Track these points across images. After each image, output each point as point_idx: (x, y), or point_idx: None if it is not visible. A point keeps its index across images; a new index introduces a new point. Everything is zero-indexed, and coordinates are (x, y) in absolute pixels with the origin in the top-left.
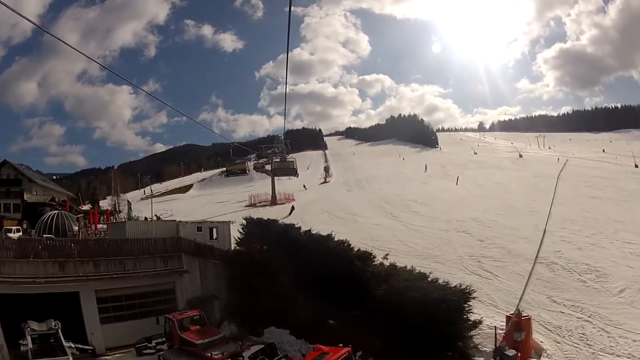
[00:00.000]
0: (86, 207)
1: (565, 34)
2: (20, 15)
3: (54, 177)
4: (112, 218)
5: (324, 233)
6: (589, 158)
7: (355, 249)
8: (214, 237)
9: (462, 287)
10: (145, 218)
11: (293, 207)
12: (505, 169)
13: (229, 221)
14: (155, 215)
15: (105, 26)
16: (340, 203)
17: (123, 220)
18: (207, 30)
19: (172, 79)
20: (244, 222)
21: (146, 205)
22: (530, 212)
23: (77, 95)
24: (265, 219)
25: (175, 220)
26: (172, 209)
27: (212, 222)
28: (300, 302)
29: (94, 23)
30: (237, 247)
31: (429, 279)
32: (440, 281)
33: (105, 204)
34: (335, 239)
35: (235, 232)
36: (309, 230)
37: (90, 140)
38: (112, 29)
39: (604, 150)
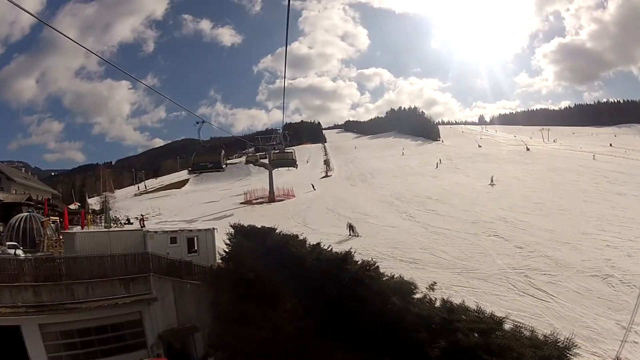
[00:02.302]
0: (75, 205)
1: (564, 28)
2: (21, 8)
3: (52, 174)
4: (87, 220)
5: (334, 242)
6: (598, 152)
7: (387, 275)
8: (194, 250)
9: (560, 341)
10: (128, 220)
11: (352, 227)
12: (516, 162)
13: (213, 228)
14: (141, 215)
15: (104, 22)
16: (346, 200)
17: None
18: (205, 25)
19: (170, 74)
20: (231, 230)
21: (138, 202)
22: (560, 211)
23: (75, 91)
24: (260, 227)
25: (141, 230)
26: (160, 207)
27: (191, 230)
28: (308, 339)
29: (92, 19)
30: (223, 263)
31: (506, 325)
32: (523, 327)
33: (95, 201)
34: (356, 259)
35: (224, 240)
36: (318, 244)
37: (88, 136)
38: (110, 24)
39: (611, 145)
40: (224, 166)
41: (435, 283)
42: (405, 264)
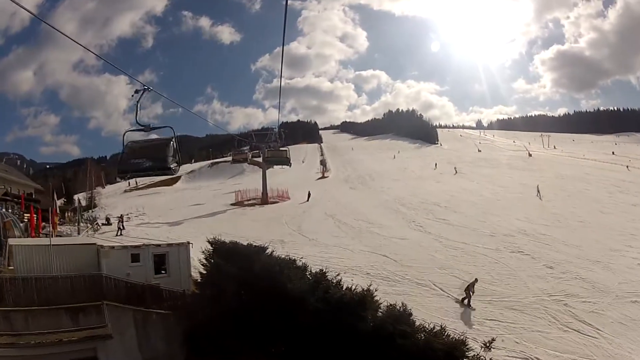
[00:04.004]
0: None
1: (563, 36)
2: (19, 5)
3: (47, 166)
4: (60, 221)
5: (337, 257)
6: (602, 160)
7: (424, 325)
8: (163, 270)
9: None
10: (107, 220)
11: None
12: (521, 168)
13: (187, 242)
14: (121, 216)
15: (104, 16)
16: (346, 204)
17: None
18: (204, 22)
19: (168, 70)
20: (209, 246)
21: (126, 200)
22: (580, 223)
23: (72, 84)
24: (245, 244)
25: (94, 244)
26: (146, 206)
27: (159, 244)
28: None
29: (92, 13)
30: (199, 289)
31: None
32: None
33: (82, 197)
34: (377, 297)
35: (200, 259)
36: (323, 274)
37: (84, 130)
38: (110, 18)
39: (613, 153)
40: (172, 166)
41: (494, 339)
42: (424, 289)
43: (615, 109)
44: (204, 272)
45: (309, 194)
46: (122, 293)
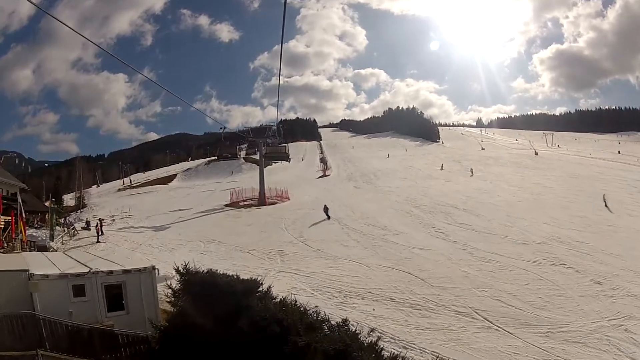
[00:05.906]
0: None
1: (562, 35)
2: None
3: (46, 165)
4: (38, 225)
5: (350, 274)
6: (610, 159)
7: None
8: (120, 306)
9: None
10: (87, 224)
11: None
12: (531, 167)
13: (152, 267)
14: (100, 220)
15: (102, 14)
16: (352, 206)
17: None
18: (203, 20)
19: (167, 68)
20: (177, 276)
21: (117, 199)
22: (610, 227)
23: (71, 82)
24: (230, 275)
25: (25, 271)
26: (134, 207)
27: (112, 271)
28: None
29: (91, 11)
30: (162, 339)
31: None
32: None
33: (71, 197)
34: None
35: (167, 296)
36: (355, 336)
37: (83, 129)
38: (109, 17)
39: (619, 152)
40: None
41: None
42: (465, 319)
43: (617, 108)
44: (174, 311)
45: (326, 209)
46: (64, 339)
